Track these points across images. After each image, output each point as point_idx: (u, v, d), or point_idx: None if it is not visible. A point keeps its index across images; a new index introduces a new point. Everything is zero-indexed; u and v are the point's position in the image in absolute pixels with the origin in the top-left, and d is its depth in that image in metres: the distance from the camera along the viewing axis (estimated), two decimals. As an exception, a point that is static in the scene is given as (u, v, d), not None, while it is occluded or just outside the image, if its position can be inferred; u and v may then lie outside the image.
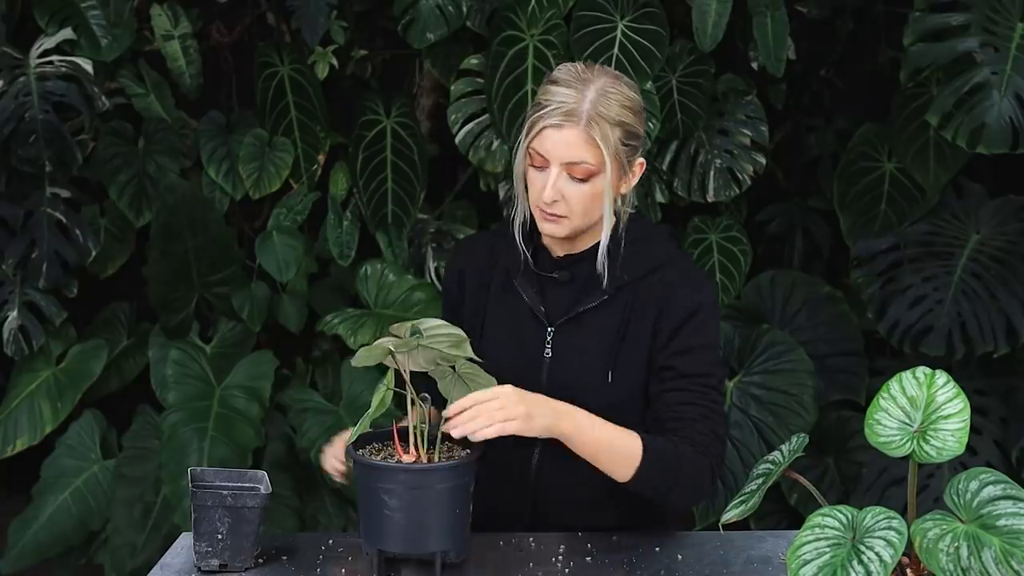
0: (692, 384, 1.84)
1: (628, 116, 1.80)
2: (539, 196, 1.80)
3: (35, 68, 3.28)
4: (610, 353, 1.87)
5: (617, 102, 1.78)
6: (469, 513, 1.76)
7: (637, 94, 1.84)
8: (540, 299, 1.90)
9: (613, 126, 1.77)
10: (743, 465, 3.23)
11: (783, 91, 3.65)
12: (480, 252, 1.99)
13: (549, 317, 1.90)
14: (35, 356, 3.45)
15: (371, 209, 3.48)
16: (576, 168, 1.78)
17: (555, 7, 3.26)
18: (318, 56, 3.49)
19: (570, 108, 1.76)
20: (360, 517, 1.75)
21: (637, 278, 1.88)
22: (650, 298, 1.87)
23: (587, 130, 1.76)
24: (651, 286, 1.88)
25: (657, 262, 1.89)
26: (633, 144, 1.82)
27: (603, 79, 1.80)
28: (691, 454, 1.79)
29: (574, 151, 1.77)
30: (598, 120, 1.76)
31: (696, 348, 1.86)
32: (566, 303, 1.89)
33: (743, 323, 3.47)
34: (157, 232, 3.35)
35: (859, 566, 1.29)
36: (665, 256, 1.91)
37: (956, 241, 3.35)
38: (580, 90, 1.77)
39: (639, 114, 1.83)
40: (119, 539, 3.33)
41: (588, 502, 1.93)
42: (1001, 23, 2.99)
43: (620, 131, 1.78)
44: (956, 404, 1.37)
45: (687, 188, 3.47)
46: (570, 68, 1.83)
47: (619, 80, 1.82)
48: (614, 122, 1.77)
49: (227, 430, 3.28)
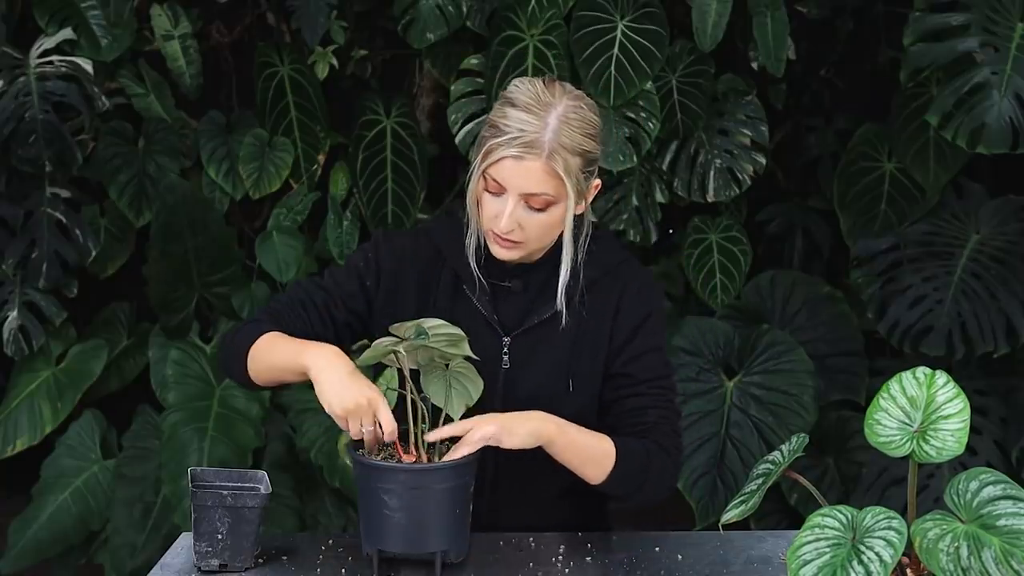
0: (649, 388, 1.86)
1: (589, 143, 1.74)
2: (492, 222, 1.75)
3: (35, 68, 3.28)
4: (567, 363, 1.87)
5: (580, 130, 1.72)
6: (469, 513, 1.76)
7: (597, 116, 1.78)
8: (493, 308, 1.86)
9: (575, 155, 1.71)
10: (743, 465, 3.23)
11: (783, 91, 3.65)
12: (423, 253, 1.90)
13: (504, 327, 1.86)
14: (35, 356, 3.45)
15: (371, 209, 3.48)
16: (535, 199, 1.72)
17: (555, 7, 3.26)
18: (318, 56, 3.49)
19: (531, 139, 1.68)
20: (360, 517, 1.75)
21: (588, 285, 1.85)
22: (603, 305, 1.87)
23: (549, 162, 1.69)
24: (603, 293, 1.87)
25: (606, 268, 1.88)
26: (591, 170, 1.77)
27: (564, 103, 1.72)
28: (659, 455, 1.83)
29: (534, 183, 1.70)
30: (560, 151, 1.69)
31: (649, 351, 1.87)
32: (519, 313, 1.86)
33: (743, 323, 3.47)
34: (157, 232, 3.35)
35: (859, 566, 1.29)
36: (613, 261, 1.90)
37: (956, 241, 3.35)
38: (541, 117, 1.69)
39: (597, 138, 1.77)
40: (119, 539, 3.33)
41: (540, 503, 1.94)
42: (1001, 23, 2.99)
43: (581, 160, 1.73)
44: (956, 404, 1.37)
45: (687, 188, 3.48)
46: (529, 89, 1.73)
47: (580, 102, 1.75)
48: (576, 151, 1.71)
49: (227, 430, 3.28)
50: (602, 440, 1.80)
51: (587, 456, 1.78)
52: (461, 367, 1.76)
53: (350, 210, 3.53)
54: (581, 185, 1.74)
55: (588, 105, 1.77)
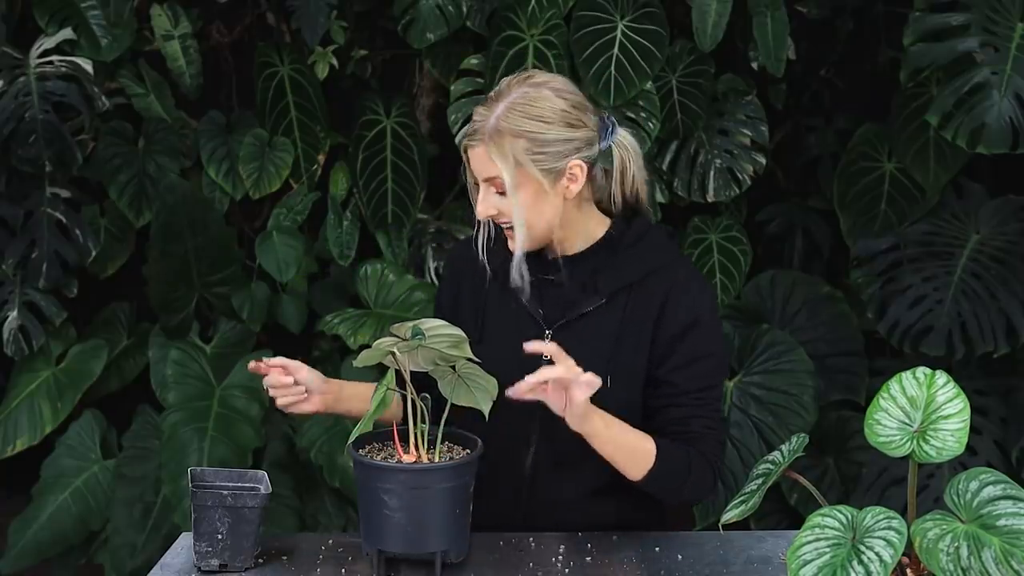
0: (694, 399, 1.87)
1: (534, 125, 1.78)
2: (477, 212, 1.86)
3: (35, 68, 3.28)
4: (608, 358, 1.87)
5: (523, 114, 1.79)
6: (469, 513, 1.76)
7: (561, 99, 1.82)
8: (538, 301, 1.90)
9: (515, 138, 1.78)
10: (743, 465, 3.23)
11: (783, 91, 3.65)
12: (469, 254, 1.97)
13: (547, 319, 1.90)
14: (35, 356, 3.45)
15: (371, 209, 3.48)
16: (494, 183, 1.81)
17: (555, 7, 3.26)
18: (318, 56, 3.49)
19: (477, 126, 1.81)
20: (360, 517, 1.75)
21: (634, 282, 1.88)
22: (648, 303, 1.88)
23: (487, 147, 1.79)
24: (649, 291, 1.88)
25: (654, 265, 1.89)
26: (550, 151, 1.80)
27: (520, 90, 1.81)
28: (699, 462, 1.84)
29: (484, 168, 1.81)
30: (497, 136, 1.78)
31: (696, 360, 1.87)
32: (563, 305, 1.90)
33: (743, 323, 3.47)
34: (157, 232, 3.35)
35: (859, 566, 1.29)
36: (663, 259, 1.91)
37: (956, 241, 3.35)
38: (492, 107, 1.81)
39: (554, 121, 1.80)
40: (119, 539, 3.33)
41: (580, 500, 1.94)
42: (1001, 23, 2.99)
43: (524, 141, 1.78)
44: (956, 404, 1.37)
45: (687, 188, 3.48)
46: (499, 84, 1.87)
47: (540, 88, 1.82)
48: (518, 134, 1.78)
49: (227, 430, 3.28)
50: (645, 440, 1.81)
51: (628, 452, 1.80)
52: (468, 368, 1.75)
53: (350, 210, 3.53)
54: (530, 167, 1.78)
55: (554, 90, 1.82)
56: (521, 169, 1.79)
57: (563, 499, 1.94)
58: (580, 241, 1.90)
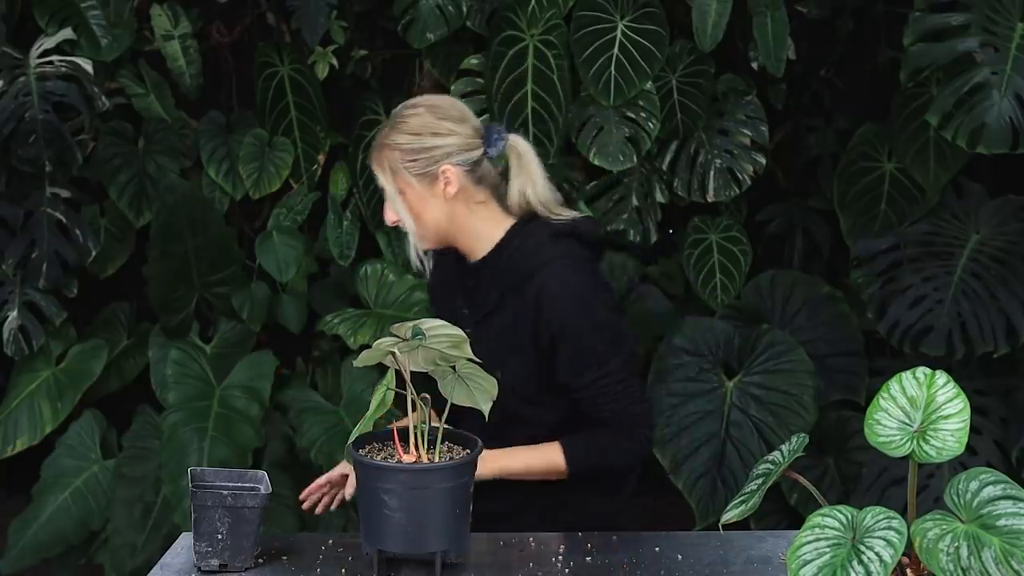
0: (592, 390, 2.04)
1: (404, 137, 2.05)
2: None
3: (35, 68, 3.28)
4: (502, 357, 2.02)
5: (395, 130, 2.07)
6: (469, 513, 1.76)
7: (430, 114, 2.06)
8: (466, 301, 2.14)
9: (391, 150, 2.06)
10: (743, 465, 3.23)
11: (783, 91, 3.64)
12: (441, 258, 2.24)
13: (469, 318, 2.11)
14: (35, 356, 3.45)
15: (371, 209, 3.48)
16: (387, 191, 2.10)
17: (555, 7, 3.26)
18: (318, 56, 3.49)
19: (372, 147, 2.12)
20: (360, 517, 1.75)
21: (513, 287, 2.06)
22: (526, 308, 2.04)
23: (373, 160, 2.11)
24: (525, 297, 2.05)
25: (526, 271, 2.05)
26: (421, 158, 2.05)
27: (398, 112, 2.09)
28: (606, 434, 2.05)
29: (379, 181, 2.11)
30: (377, 151, 2.09)
31: (579, 356, 2.03)
32: (476, 306, 2.12)
33: (743, 323, 3.47)
34: (157, 232, 3.35)
35: (859, 566, 1.29)
36: (533, 264, 2.05)
37: (956, 241, 3.35)
38: (381, 130, 2.12)
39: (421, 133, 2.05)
40: (119, 539, 3.33)
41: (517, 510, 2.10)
42: (1001, 23, 2.99)
43: (397, 152, 2.06)
44: (956, 404, 1.37)
45: (687, 188, 3.47)
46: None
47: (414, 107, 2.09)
48: (392, 147, 2.06)
49: (227, 430, 3.28)
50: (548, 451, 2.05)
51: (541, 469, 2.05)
52: (468, 367, 1.76)
53: (350, 210, 3.53)
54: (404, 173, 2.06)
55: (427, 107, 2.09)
56: (398, 176, 2.06)
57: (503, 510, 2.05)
58: (483, 245, 2.12)
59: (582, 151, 3.28)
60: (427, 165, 2.06)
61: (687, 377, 3.31)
